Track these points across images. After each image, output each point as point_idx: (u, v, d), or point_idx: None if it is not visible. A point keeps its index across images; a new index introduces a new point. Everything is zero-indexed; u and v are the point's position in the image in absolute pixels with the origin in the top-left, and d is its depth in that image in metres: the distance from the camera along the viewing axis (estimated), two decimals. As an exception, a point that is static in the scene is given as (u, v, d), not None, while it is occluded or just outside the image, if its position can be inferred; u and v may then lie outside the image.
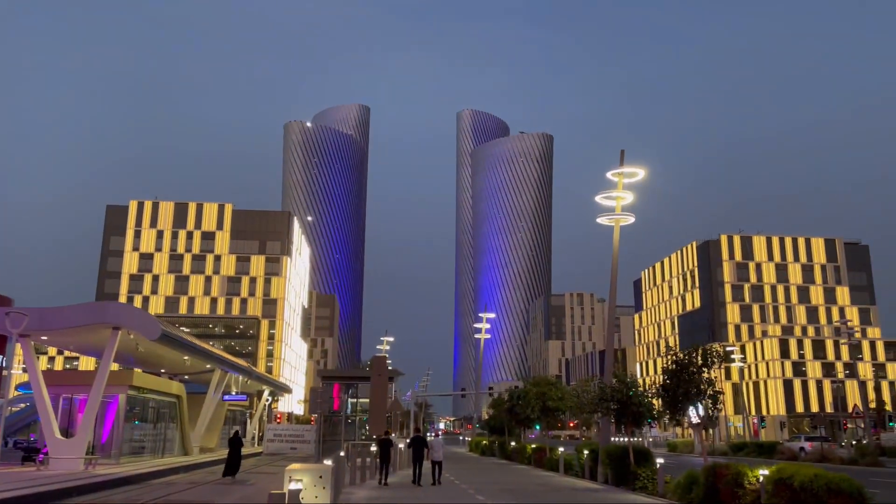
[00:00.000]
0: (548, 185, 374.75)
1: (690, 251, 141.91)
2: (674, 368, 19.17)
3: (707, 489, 17.33)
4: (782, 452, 46.41)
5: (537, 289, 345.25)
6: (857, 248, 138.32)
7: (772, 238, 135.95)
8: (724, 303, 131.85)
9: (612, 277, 28.49)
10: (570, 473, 30.66)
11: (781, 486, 14.11)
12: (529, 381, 35.98)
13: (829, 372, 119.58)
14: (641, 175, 28.51)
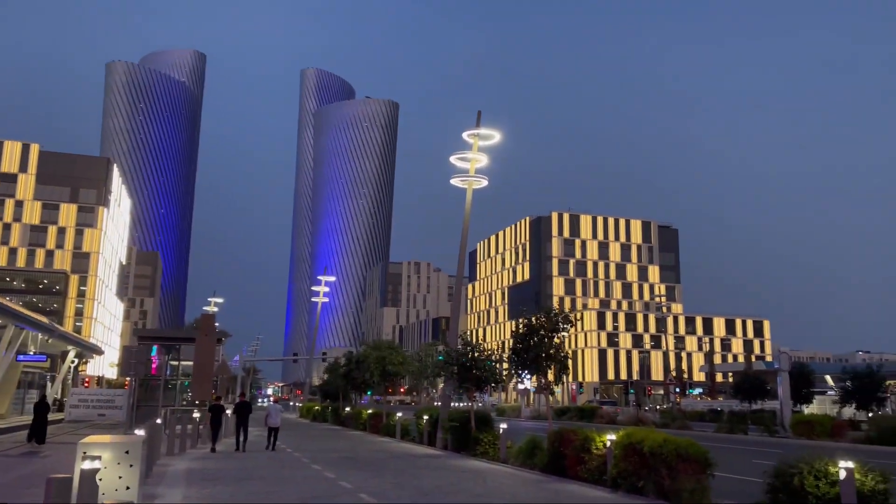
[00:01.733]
0: (391, 153, 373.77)
1: (523, 226, 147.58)
2: (524, 332, 18.70)
3: (552, 455, 17.07)
4: (601, 416, 49.21)
5: (376, 256, 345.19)
6: (668, 231, 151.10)
7: (597, 218, 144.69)
8: (551, 276, 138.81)
9: (463, 238, 27.82)
10: (408, 439, 29.99)
11: (630, 451, 13.96)
12: (369, 345, 34.79)
13: (638, 343, 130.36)
14: (497, 138, 27.95)
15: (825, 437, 31.09)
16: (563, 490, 14.74)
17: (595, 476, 15.32)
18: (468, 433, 22.87)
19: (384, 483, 15.54)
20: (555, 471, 16.86)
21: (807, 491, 10.02)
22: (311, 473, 17.41)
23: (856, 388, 45.39)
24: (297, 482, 15.58)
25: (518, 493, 14.13)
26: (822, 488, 9.93)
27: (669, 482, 12.92)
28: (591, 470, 15.45)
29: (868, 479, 9.74)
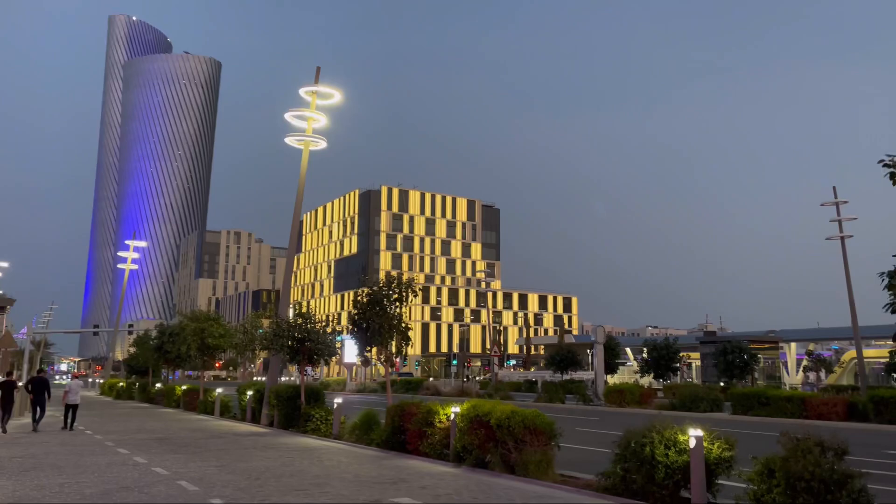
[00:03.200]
0: (212, 115, 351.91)
1: (352, 199, 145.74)
2: (367, 301, 17.67)
3: (392, 429, 16.30)
4: (427, 388, 49.75)
5: (191, 223, 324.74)
6: (491, 210, 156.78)
7: (425, 194, 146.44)
8: (379, 250, 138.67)
9: (298, 202, 26.06)
10: (228, 416, 27.92)
11: (476, 423, 13.49)
12: (186, 316, 31.88)
13: (459, 317, 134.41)
14: (337, 98, 26.40)
15: (634, 405, 33.41)
16: (406, 466, 14.02)
17: (438, 450, 14.76)
18: (297, 409, 21.51)
19: (206, 467, 13.86)
20: (394, 446, 16.11)
21: (657, 460, 10.03)
22: (118, 459, 15.21)
23: (654, 360, 49.62)
24: (99, 470, 13.43)
25: (359, 472, 13.16)
26: (671, 457, 9.97)
27: (516, 455, 12.64)
28: (434, 444, 14.87)
29: (715, 446, 9.92)
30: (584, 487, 11.50)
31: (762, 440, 15.87)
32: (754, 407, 27.51)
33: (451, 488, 11.39)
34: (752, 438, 18.31)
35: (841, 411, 25.11)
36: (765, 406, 27.15)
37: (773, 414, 26.47)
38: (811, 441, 8.59)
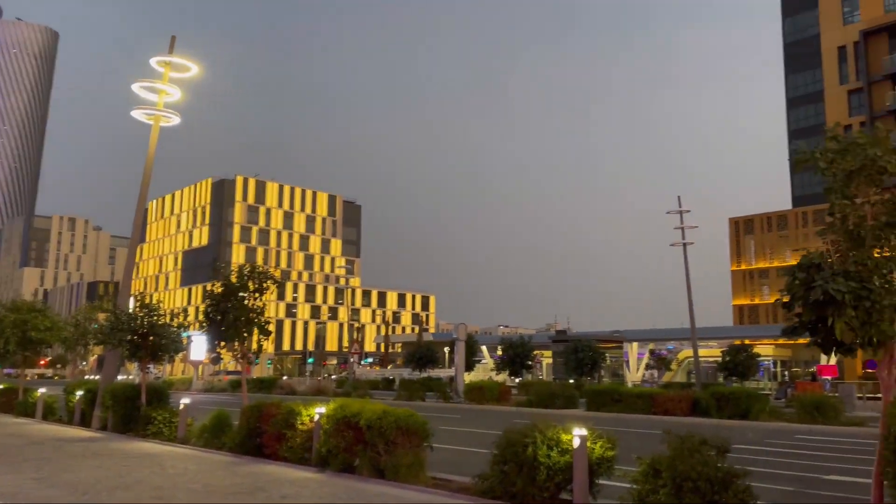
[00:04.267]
0: (46, 89, 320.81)
1: (205, 188, 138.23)
2: (222, 292, 16.06)
3: (247, 432, 14.87)
4: (282, 387, 47.69)
5: (17, 206, 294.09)
6: (352, 206, 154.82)
7: (284, 186, 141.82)
8: (231, 243, 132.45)
9: (144, 183, 23.57)
10: (53, 419, 24.81)
11: (344, 425, 12.48)
12: (5, 306, 28.06)
13: (316, 314, 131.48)
14: (195, 71, 24.20)
15: (493, 402, 33.64)
16: (263, 472, 12.73)
17: (299, 455, 13.57)
18: (137, 410, 19.34)
19: (22, 480, 11.80)
20: (249, 451, 14.69)
21: (539, 461, 9.58)
22: None
23: (510, 357, 50.65)
24: None
25: (209, 481, 11.72)
26: (553, 457, 9.56)
27: (386, 457, 11.79)
28: (295, 448, 13.66)
29: (597, 446, 9.62)
30: (460, 491, 10.87)
31: (624, 437, 16.03)
32: (607, 403, 28.48)
33: (316, 496, 10.34)
34: (612, 434, 18.65)
35: (685, 407, 26.52)
36: (617, 402, 28.18)
37: (625, 410, 27.50)
38: (696, 439, 8.45)
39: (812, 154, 7.34)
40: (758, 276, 63.62)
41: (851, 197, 7.14)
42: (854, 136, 7.22)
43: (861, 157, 6.85)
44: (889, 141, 7.12)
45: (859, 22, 66.76)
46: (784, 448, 17.97)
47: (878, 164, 6.87)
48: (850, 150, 7.11)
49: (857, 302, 6.66)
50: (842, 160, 7.04)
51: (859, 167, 6.94)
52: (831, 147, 7.39)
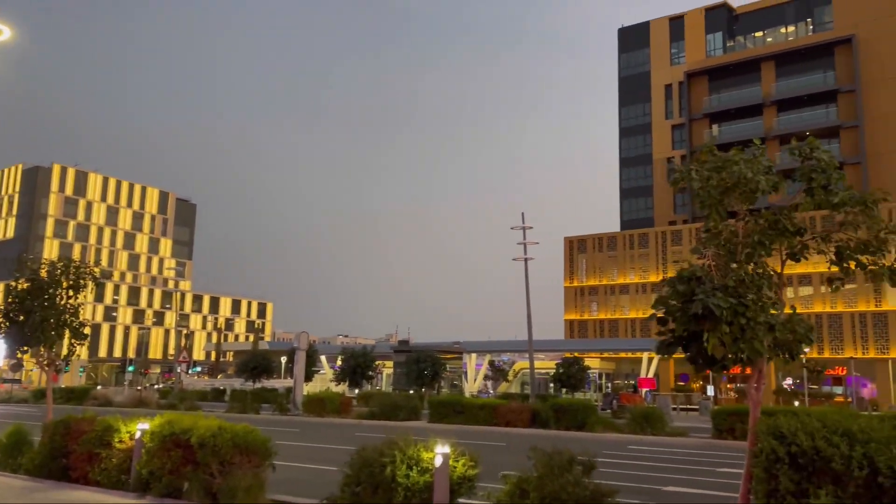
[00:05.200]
0: None
1: (13, 174, 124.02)
2: (27, 288, 13.77)
3: (51, 451, 12.75)
4: (96, 398, 43.30)
5: None
6: (186, 204, 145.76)
7: (109, 178, 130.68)
8: (44, 237, 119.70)
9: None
10: None
11: (172, 443, 10.97)
12: None
13: (139, 319, 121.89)
14: (7, 35, 21.04)
15: (334, 414, 32.39)
16: (70, 499, 10.87)
17: (114, 478, 11.77)
18: None
19: None
20: (53, 473, 12.60)
21: (397, 482, 8.81)
22: None
23: (351, 368, 49.53)
24: None
25: (-2, 515, 9.76)
26: (413, 477, 8.84)
27: (221, 479, 10.46)
28: (110, 470, 11.84)
29: (459, 464, 9.03)
30: (305, 516, 9.83)
31: (472, 450, 15.68)
32: (450, 415, 28.32)
33: (135, 530, 8.83)
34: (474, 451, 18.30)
35: (526, 418, 26.96)
36: (460, 414, 28.11)
37: (467, 421, 27.46)
38: (565, 456, 8.10)
39: (688, 173, 7.30)
40: (588, 293, 67.40)
41: (726, 213, 7.17)
42: (730, 154, 7.25)
43: (735, 174, 6.87)
44: (760, 161, 7.21)
45: (684, 64, 73.32)
46: (621, 459, 18.54)
47: (750, 183, 6.91)
48: (725, 167, 7.12)
49: (733, 318, 6.56)
50: (717, 178, 7.04)
51: (733, 184, 6.95)
52: (707, 162, 7.37)
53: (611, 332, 65.21)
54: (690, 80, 72.18)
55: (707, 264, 6.83)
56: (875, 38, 62.72)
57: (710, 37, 73.08)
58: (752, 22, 72.53)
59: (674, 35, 74.99)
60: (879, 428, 6.48)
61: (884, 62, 62.04)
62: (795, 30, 69.72)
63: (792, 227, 6.90)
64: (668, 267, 63.23)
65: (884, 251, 7.04)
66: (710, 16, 73.31)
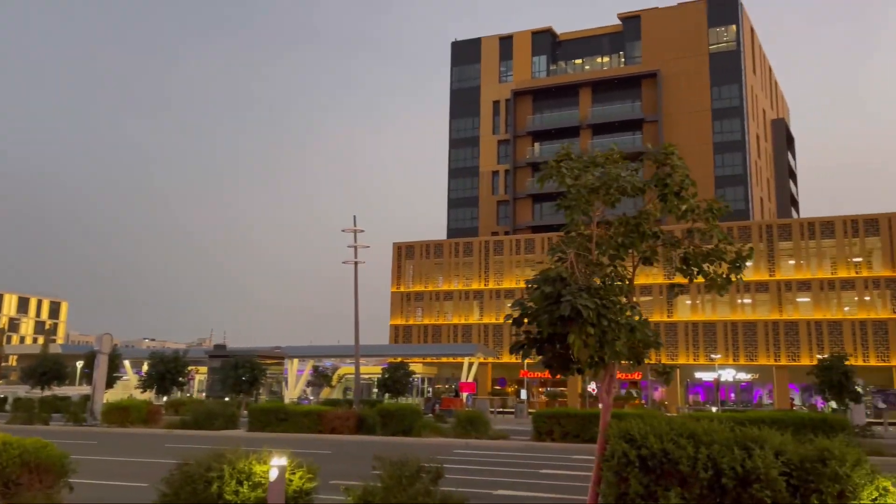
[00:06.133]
0: None
1: None
2: None
3: None
4: None
5: None
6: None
7: None
8: None
9: None
10: None
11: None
12: None
13: None
14: None
15: (140, 424, 29.58)
16: None
17: None
18: None
19: None
20: None
21: (225, 499, 7.87)
22: None
23: (159, 374, 45.81)
24: None
25: None
26: (243, 493, 7.95)
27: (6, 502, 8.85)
28: None
29: (296, 476, 8.26)
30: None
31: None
32: (272, 423, 26.94)
33: None
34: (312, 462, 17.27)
35: (352, 425, 26.31)
36: (283, 421, 26.83)
37: (291, 429, 26.26)
38: (413, 466, 7.67)
39: (558, 168, 7.20)
40: (414, 299, 68.09)
41: (590, 214, 7.15)
42: (596, 154, 7.27)
43: (607, 174, 6.86)
44: (624, 162, 7.30)
45: (512, 82, 76.78)
46: (450, 464, 18.49)
47: (619, 184, 6.94)
48: (594, 164, 7.11)
49: (597, 320, 6.52)
50: (586, 175, 6.99)
51: (602, 184, 6.95)
52: (570, 160, 7.33)
53: (434, 338, 66.31)
54: (517, 98, 75.72)
55: (570, 265, 6.74)
56: (675, 76, 69.80)
57: (536, 59, 77.24)
58: (573, 49, 77.73)
59: (503, 54, 78.32)
60: (720, 430, 6.73)
61: (682, 97, 69.18)
62: (610, 60, 75.74)
63: (649, 230, 7.02)
64: (490, 275, 65.56)
65: (723, 260, 7.38)
66: (537, 39, 77.49)
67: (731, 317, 57.20)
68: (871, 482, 6.24)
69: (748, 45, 70.86)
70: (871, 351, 52.95)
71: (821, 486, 6.25)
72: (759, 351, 56.08)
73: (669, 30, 71.15)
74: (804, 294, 55.83)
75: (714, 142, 67.68)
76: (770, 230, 57.83)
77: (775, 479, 6.20)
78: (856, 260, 54.94)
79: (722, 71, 68.62)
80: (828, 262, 55.73)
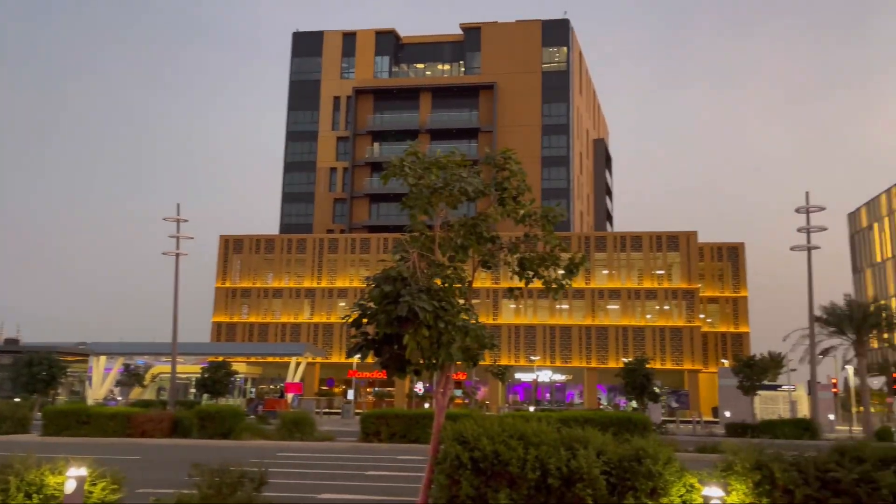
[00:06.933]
0: None
1: None
2: None
3: None
4: None
5: None
6: None
7: None
8: None
9: None
10: None
11: None
12: None
13: None
14: None
15: None
16: None
17: None
18: None
19: None
20: None
21: (10, 516, 6.86)
22: None
23: None
24: None
25: None
26: (33, 509, 6.98)
27: None
28: None
29: (98, 487, 7.39)
30: None
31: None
32: (72, 426, 24.41)
33: None
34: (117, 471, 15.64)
35: (166, 427, 24.53)
36: (85, 424, 24.41)
37: (94, 433, 23.94)
38: (235, 473, 7.14)
39: (401, 165, 7.05)
40: (240, 295, 65.22)
41: (432, 214, 7.08)
42: (435, 156, 7.21)
43: (450, 174, 6.81)
44: (467, 165, 7.30)
45: (353, 79, 76.17)
46: (272, 467, 17.76)
47: (462, 185, 6.93)
48: (434, 166, 7.04)
49: (434, 322, 6.44)
50: (429, 176, 6.91)
51: (445, 185, 6.89)
52: (413, 160, 7.22)
53: (261, 336, 63.97)
54: (358, 96, 75.23)
55: (413, 265, 6.60)
56: (511, 89, 72.98)
57: (379, 59, 77.22)
58: (416, 53, 78.67)
59: (346, 50, 77.47)
60: (548, 431, 6.92)
61: (516, 110, 72.45)
62: (451, 68, 77.55)
63: (487, 233, 7.08)
64: (323, 273, 64.46)
65: (558, 265, 7.62)
66: (380, 39, 77.50)
67: (551, 321, 60.70)
68: (679, 479, 6.73)
69: (576, 67, 75.78)
70: (668, 355, 58.58)
71: (636, 484, 6.62)
72: (573, 354, 60.00)
73: (507, 45, 74.25)
74: (614, 302, 60.58)
75: (542, 156, 71.51)
76: (588, 241, 62.16)
77: (597, 478, 6.48)
78: (658, 272, 60.54)
79: (552, 89, 72.75)
80: (635, 274, 60.91)
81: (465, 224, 7.09)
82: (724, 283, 63.38)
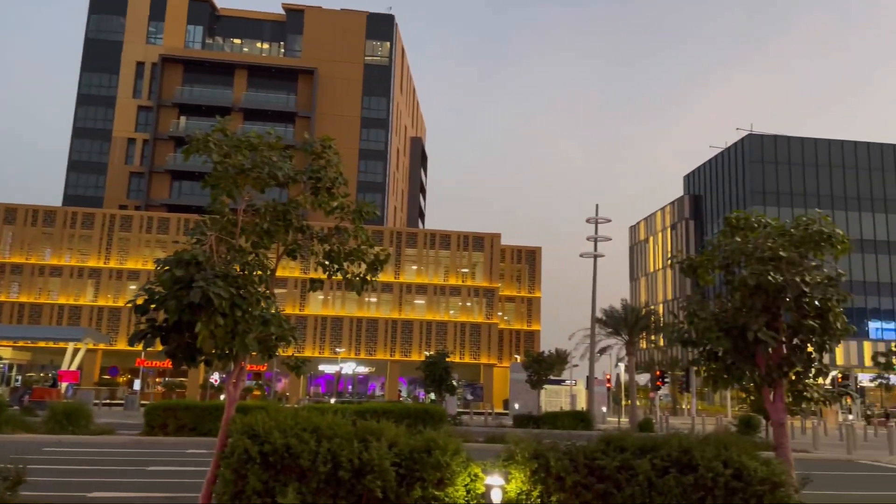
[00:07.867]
0: None
1: None
2: None
3: None
4: None
5: None
6: None
7: None
8: None
9: None
10: None
11: None
12: None
13: None
14: None
15: None
16: None
17: None
18: None
19: None
20: None
21: None
22: None
23: None
24: None
25: None
26: None
27: None
28: None
29: None
30: None
31: None
32: None
33: None
34: None
35: None
36: None
37: None
38: None
39: (206, 140, 6.61)
40: (10, 271, 57.90)
41: (236, 196, 6.72)
42: (246, 135, 6.87)
43: (260, 156, 6.52)
44: (280, 148, 7.04)
45: (161, 46, 70.71)
46: (37, 464, 15.98)
47: (271, 169, 6.65)
48: (243, 145, 6.70)
49: (230, 310, 6.14)
50: (237, 155, 6.55)
51: (253, 166, 6.58)
52: (223, 136, 6.84)
53: (32, 318, 57.27)
54: (165, 65, 70.04)
55: (210, 248, 6.23)
56: (332, 77, 72.01)
57: (191, 28, 72.45)
58: (233, 27, 74.87)
59: (154, 13, 71.76)
60: (342, 423, 6.89)
61: (336, 99, 71.63)
62: (270, 48, 74.80)
63: (297, 222, 6.88)
64: (112, 252, 59.20)
65: (363, 261, 7.61)
66: (194, 7, 72.74)
67: (358, 314, 60.87)
68: (465, 469, 7.02)
69: (399, 63, 76.63)
70: (468, 350, 61.27)
71: (424, 475, 6.80)
72: (378, 346, 60.65)
73: (330, 32, 73.17)
74: (421, 297, 62.14)
75: (360, 148, 71.47)
76: (400, 237, 63.14)
77: (387, 470, 6.55)
78: (463, 271, 63.10)
79: (374, 82, 72.93)
80: (442, 271, 62.95)
81: (274, 209, 6.82)
82: (522, 284, 67.54)
